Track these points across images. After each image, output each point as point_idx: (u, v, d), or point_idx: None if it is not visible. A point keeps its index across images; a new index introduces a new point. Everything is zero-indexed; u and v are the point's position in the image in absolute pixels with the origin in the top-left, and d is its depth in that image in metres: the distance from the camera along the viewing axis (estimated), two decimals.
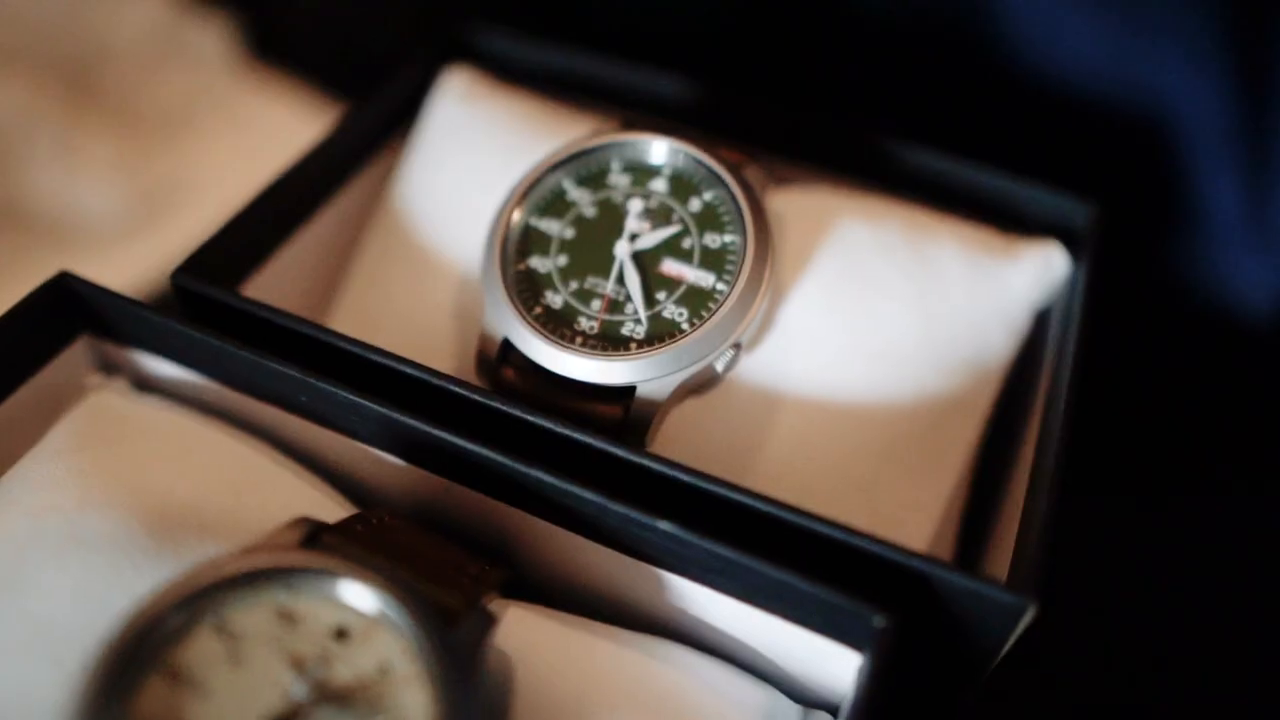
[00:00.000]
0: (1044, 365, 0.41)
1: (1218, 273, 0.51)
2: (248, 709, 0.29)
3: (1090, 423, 0.43)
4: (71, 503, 0.35)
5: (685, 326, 0.38)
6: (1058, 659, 0.44)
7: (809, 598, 0.32)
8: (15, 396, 0.40)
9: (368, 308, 0.46)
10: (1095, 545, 0.46)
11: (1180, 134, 0.50)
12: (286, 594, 0.31)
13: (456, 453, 0.35)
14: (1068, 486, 0.35)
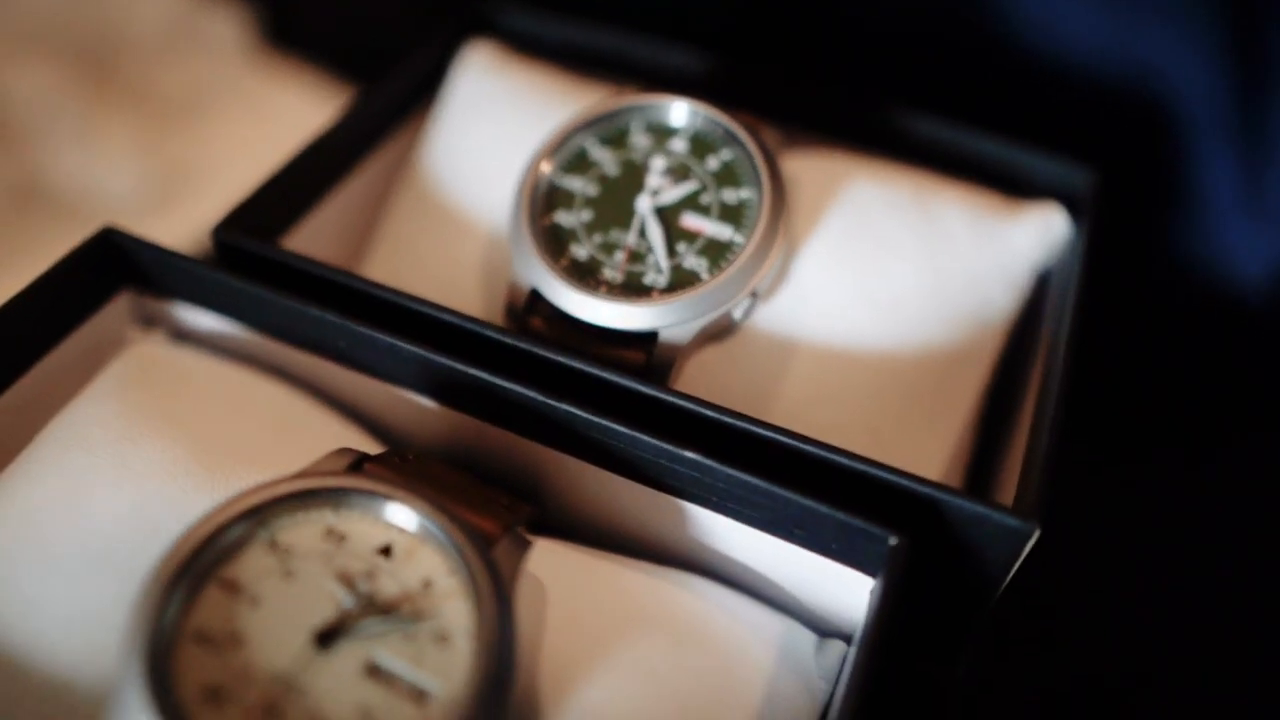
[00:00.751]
0: (1045, 321, 0.43)
1: (1212, 243, 0.53)
2: (299, 618, 0.31)
3: (1087, 379, 0.45)
4: (123, 437, 0.37)
5: (705, 276, 0.40)
6: (1057, 596, 0.46)
7: (826, 522, 0.34)
8: (59, 350, 0.42)
9: (396, 268, 0.47)
10: (1089, 494, 0.48)
11: (1177, 110, 0.53)
12: (334, 514, 0.33)
13: (490, 391, 0.37)
14: (1067, 430, 0.37)
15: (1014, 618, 0.42)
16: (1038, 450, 0.35)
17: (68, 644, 0.33)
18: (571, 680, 0.34)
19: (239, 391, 0.40)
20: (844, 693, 0.33)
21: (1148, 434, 0.52)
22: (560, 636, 0.34)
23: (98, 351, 0.43)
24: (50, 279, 0.41)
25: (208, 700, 0.29)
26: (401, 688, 0.30)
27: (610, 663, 0.34)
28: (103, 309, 0.43)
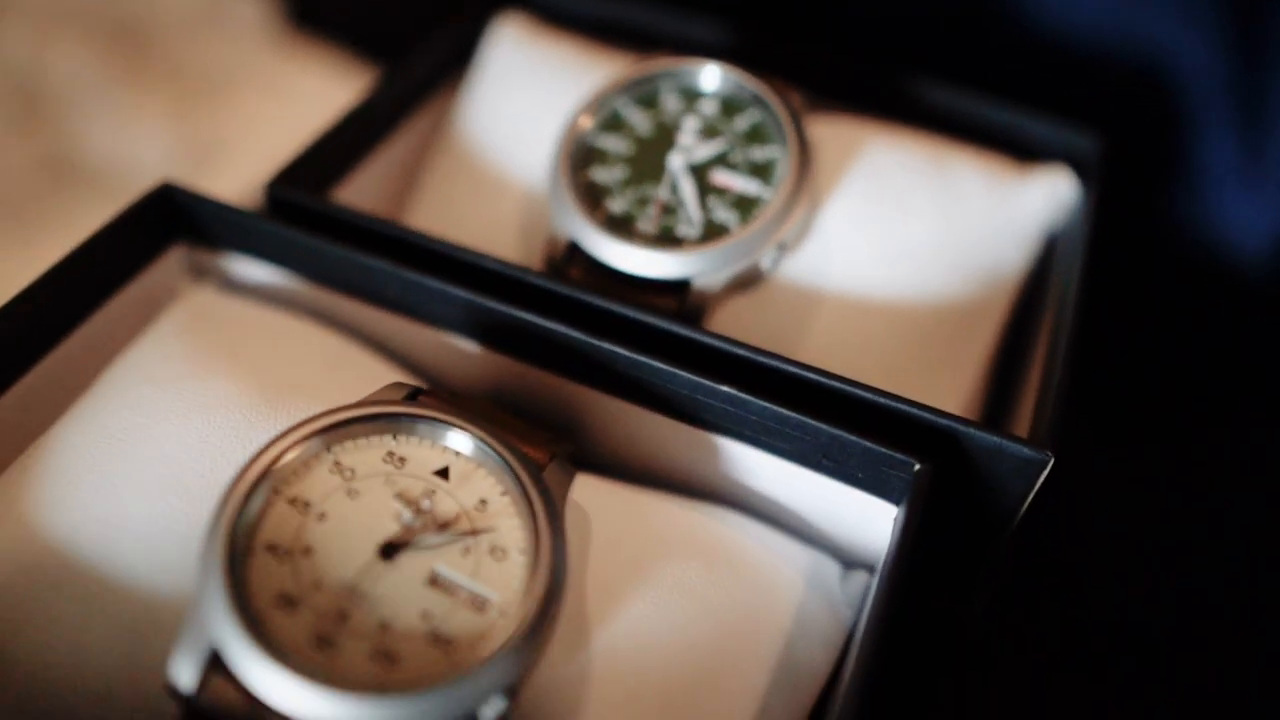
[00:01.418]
0: (1054, 276, 0.46)
1: (1212, 213, 0.56)
2: (364, 532, 0.33)
3: (1092, 339, 0.47)
4: (187, 373, 0.39)
5: (735, 228, 0.43)
6: (1071, 545, 0.48)
7: (854, 451, 0.36)
8: (115, 300, 0.44)
9: (434, 227, 0.50)
10: (1090, 450, 0.50)
11: (1180, 84, 0.55)
12: (394, 439, 0.35)
13: (533, 332, 0.39)
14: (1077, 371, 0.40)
15: (1031, 562, 0.45)
16: (1050, 385, 0.38)
17: (144, 559, 0.35)
18: (614, 598, 0.36)
19: (291, 336, 0.42)
20: (869, 617, 0.35)
21: (1151, 395, 0.54)
22: (602, 560, 0.37)
23: (151, 302, 0.45)
24: (109, 232, 0.43)
25: (280, 605, 0.31)
26: (462, 596, 0.32)
27: (649, 582, 0.36)
28: (157, 261, 0.45)
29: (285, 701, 0.30)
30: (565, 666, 0.34)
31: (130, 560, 0.35)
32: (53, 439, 0.38)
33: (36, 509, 0.36)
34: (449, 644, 0.31)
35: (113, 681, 0.34)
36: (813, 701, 0.37)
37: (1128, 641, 0.45)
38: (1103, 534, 0.49)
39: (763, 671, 0.36)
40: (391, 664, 0.31)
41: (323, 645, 0.31)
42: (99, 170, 0.74)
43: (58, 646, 0.34)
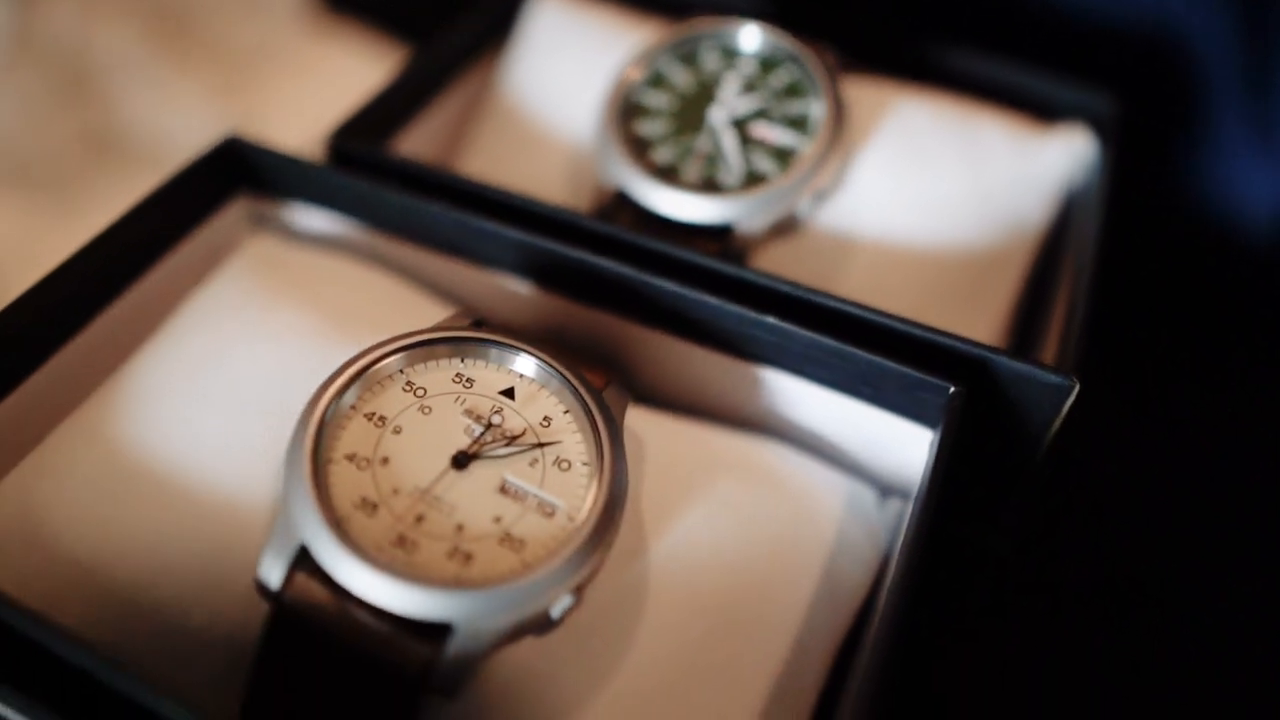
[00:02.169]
0: (1073, 226, 0.48)
1: (1221, 177, 0.58)
2: (437, 444, 0.35)
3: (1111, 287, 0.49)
4: (260, 306, 0.41)
5: (774, 177, 0.45)
6: (1094, 484, 0.51)
7: (892, 377, 0.38)
8: (181, 248, 0.46)
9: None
10: (1109, 387, 0.52)
11: (1193, 53, 0.57)
12: (462, 361, 0.37)
13: (585, 270, 0.41)
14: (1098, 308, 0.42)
15: (1056, 493, 0.47)
16: (1074, 318, 0.40)
17: (226, 475, 0.37)
18: (667, 514, 0.38)
19: (352, 279, 0.44)
20: (906, 536, 0.37)
21: (1164, 343, 0.57)
22: (655, 481, 0.39)
23: (214, 250, 0.47)
24: (177, 182, 0.45)
25: (362, 508, 0.33)
26: (530, 503, 0.34)
27: (700, 501, 0.38)
28: (221, 211, 0.47)
29: (369, 593, 0.32)
30: (625, 573, 0.36)
31: (212, 476, 0.37)
32: (132, 369, 0.40)
33: (121, 430, 0.38)
34: (520, 545, 0.33)
35: (197, 588, 0.36)
36: (852, 618, 0.39)
37: (1148, 572, 0.47)
38: (1122, 472, 0.51)
39: (806, 586, 0.38)
40: (467, 562, 0.33)
41: (403, 544, 0.33)
42: (141, 144, 0.76)
43: (145, 557, 0.36)
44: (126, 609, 0.35)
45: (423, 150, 0.53)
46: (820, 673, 0.38)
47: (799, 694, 0.37)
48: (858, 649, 0.39)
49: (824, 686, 0.38)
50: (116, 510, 0.37)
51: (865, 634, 0.39)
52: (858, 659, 0.37)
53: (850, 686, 0.34)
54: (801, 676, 0.37)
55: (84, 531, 0.37)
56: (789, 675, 0.36)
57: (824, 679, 0.38)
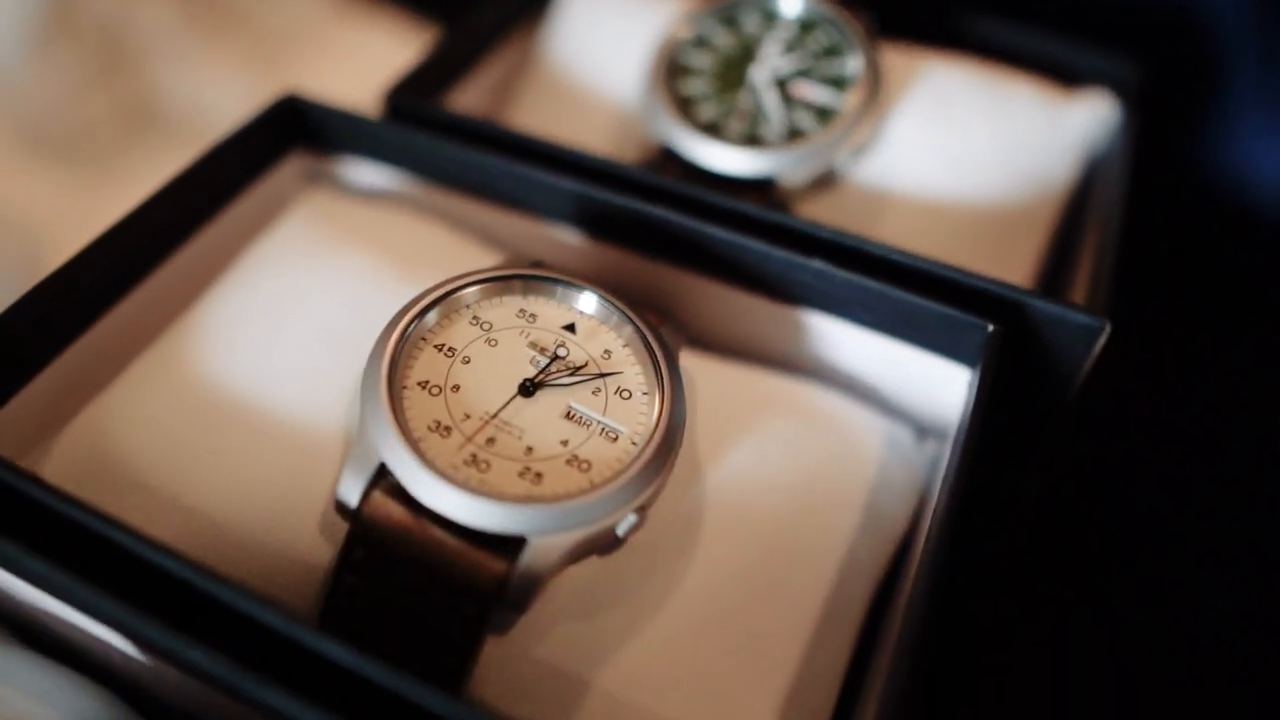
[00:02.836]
0: (1098, 186, 0.50)
1: (1239, 148, 0.60)
2: (504, 373, 0.37)
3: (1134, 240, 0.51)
4: (327, 249, 0.43)
5: (814, 132, 0.47)
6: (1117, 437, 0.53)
7: (932, 317, 0.40)
8: (238, 202, 0.48)
9: None
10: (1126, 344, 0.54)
11: (1212, 26, 0.59)
12: (524, 298, 0.39)
13: (636, 218, 0.43)
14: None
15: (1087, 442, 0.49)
16: (1104, 260, 0.42)
17: (301, 402, 0.39)
18: (720, 446, 0.40)
19: (410, 228, 0.46)
20: (947, 468, 0.39)
21: (1182, 306, 0.59)
22: (707, 416, 0.41)
23: (270, 205, 0.49)
24: (237, 138, 0.47)
25: (436, 431, 0.35)
26: (595, 428, 0.36)
27: (750, 435, 0.40)
28: (279, 166, 0.49)
29: (445, 508, 0.33)
30: (683, 500, 0.38)
31: (285, 405, 0.39)
32: (203, 309, 0.42)
33: (196, 363, 0.40)
34: (587, 466, 0.35)
35: (274, 511, 0.37)
36: (893, 551, 0.41)
37: (1172, 516, 0.49)
38: (1147, 420, 0.53)
39: (850, 517, 0.40)
40: (538, 480, 0.34)
41: (476, 463, 0.34)
42: (178, 119, 0.78)
43: (223, 483, 0.38)
44: (206, 532, 0.37)
45: (470, 110, 0.55)
46: (865, 599, 0.39)
47: (846, 618, 0.38)
48: (897, 583, 0.41)
49: (867, 614, 0.40)
50: (193, 438, 0.39)
51: (908, 563, 0.41)
52: (904, 587, 0.39)
53: (898, 615, 0.36)
54: (848, 600, 0.39)
55: (163, 459, 0.38)
56: (837, 598, 0.38)
57: (868, 606, 0.39)
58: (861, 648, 0.40)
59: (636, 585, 0.36)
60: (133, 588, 0.32)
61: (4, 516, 0.33)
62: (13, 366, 0.39)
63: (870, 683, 0.37)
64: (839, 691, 0.38)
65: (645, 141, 0.48)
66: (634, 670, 0.35)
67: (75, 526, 0.33)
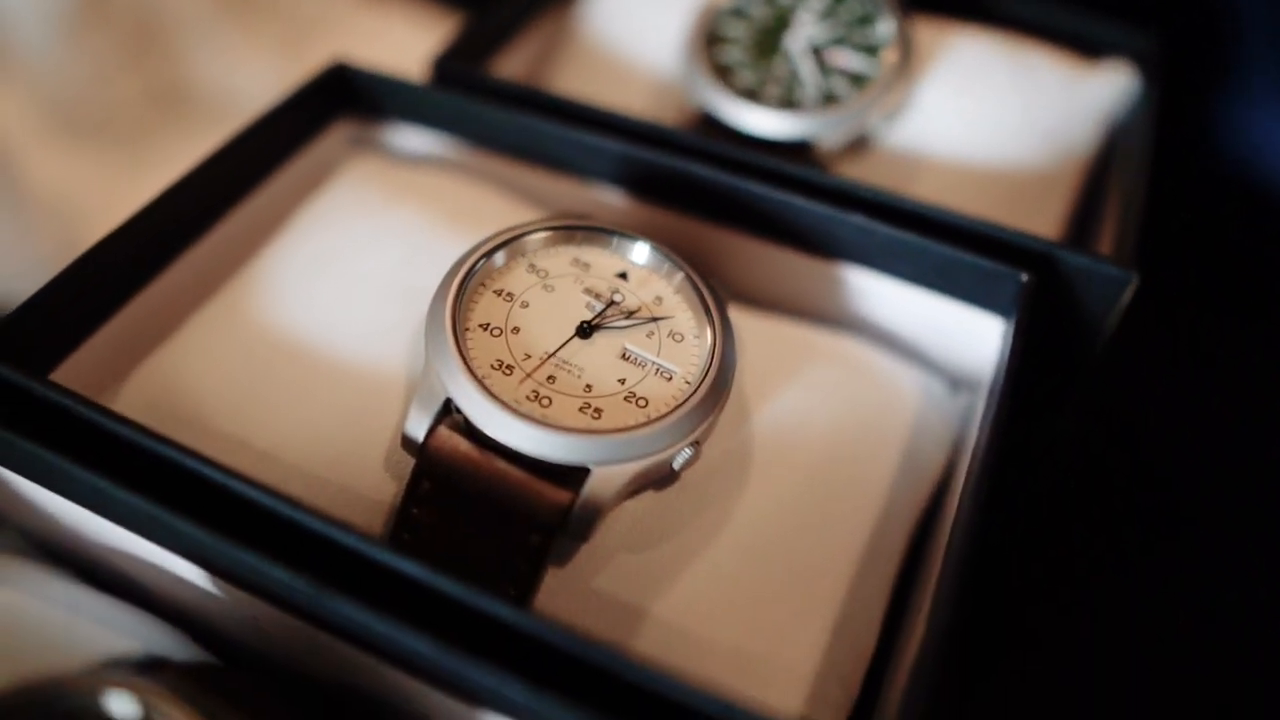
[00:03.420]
0: (1120, 151, 0.52)
1: (1256, 121, 0.62)
2: (562, 316, 0.38)
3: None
4: (380, 209, 0.45)
5: (849, 97, 0.49)
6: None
7: (968, 268, 0.42)
8: (287, 168, 0.49)
9: None
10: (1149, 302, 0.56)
11: (1226, 6, 0.61)
12: (578, 247, 0.40)
13: (678, 177, 0.45)
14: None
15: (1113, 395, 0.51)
16: (1131, 213, 0.43)
17: (359, 347, 0.40)
18: (766, 391, 0.41)
19: (459, 188, 0.47)
20: (984, 413, 0.40)
21: (1202, 270, 0.61)
22: (753, 363, 0.42)
23: (317, 170, 0.50)
24: (288, 105, 0.48)
25: (499, 370, 0.37)
26: (649, 368, 0.37)
27: (794, 381, 0.42)
28: (326, 132, 0.50)
29: (511, 439, 0.35)
30: (732, 440, 0.39)
31: (344, 350, 0.40)
32: (262, 262, 0.44)
33: (257, 312, 0.42)
34: (644, 402, 0.36)
35: (337, 452, 0.39)
36: (928, 496, 0.43)
37: (1194, 475, 0.51)
38: (1170, 379, 0.55)
39: (890, 460, 0.41)
40: (597, 415, 0.36)
41: (538, 399, 0.36)
42: (206, 102, 0.79)
43: (286, 425, 0.39)
44: (272, 473, 0.38)
45: (512, 78, 0.56)
46: (903, 540, 0.41)
47: (886, 555, 0.40)
48: (931, 528, 0.43)
49: (906, 555, 0.41)
50: (257, 382, 0.40)
51: (943, 509, 0.42)
52: (940, 529, 0.40)
53: (938, 554, 0.37)
54: (888, 539, 0.40)
55: (227, 403, 0.40)
56: (878, 537, 0.40)
57: (907, 545, 0.41)
58: (897, 587, 0.41)
59: (689, 520, 0.38)
60: (212, 518, 0.34)
61: (86, 454, 0.35)
62: (79, 318, 0.41)
63: (910, 619, 0.39)
64: (880, 625, 0.39)
65: (684, 108, 0.50)
66: (687, 599, 0.37)
67: (155, 460, 0.35)
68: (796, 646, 0.36)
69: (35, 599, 0.38)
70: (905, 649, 0.37)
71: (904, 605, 0.41)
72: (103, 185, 0.72)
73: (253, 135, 0.46)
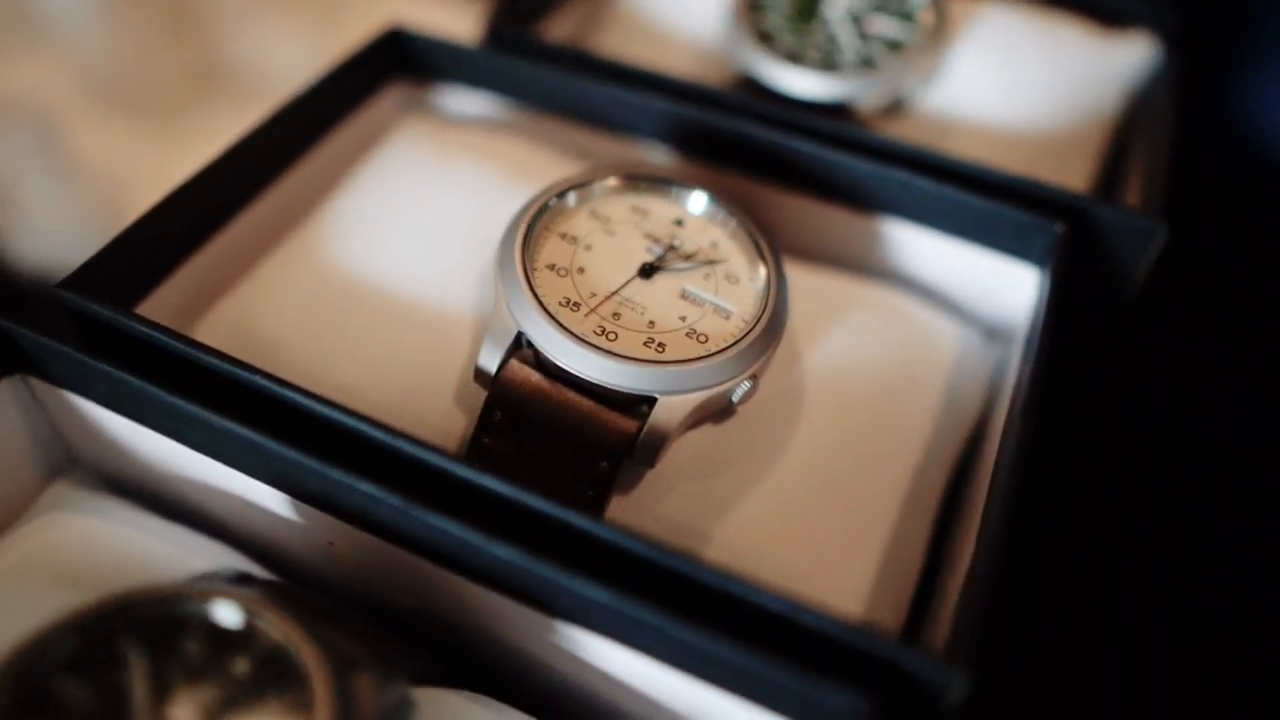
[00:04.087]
0: (1140, 120, 0.54)
1: (1270, 97, 0.65)
2: (623, 258, 0.40)
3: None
4: (441, 161, 0.47)
5: (886, 62, 0.51)
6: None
7: (1003, 220, 0.44)
8: (341, 129, 0.51)
9: None
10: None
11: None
12: (636, 195, 0.42)
13: (724, 135, 0.46)
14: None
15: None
16: (1157, 170, 0.46)
17: (427, 288, 0.42)
18: (815, 334, 0.43)
19: (512, 145, 0.49)
20: (1024, 357, 0.42)
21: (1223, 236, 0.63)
22: (802, 309, 0.44)
23: (371, 132, 0.52)
24: (344, 68, 0.50)
25: (566, 306, 0.38)
26: (708, 308, 0.39)
27: (841, 326, 0.44)
28: (380, 94, 0.52)
29: (582, 369, 0.37)
30: (785, 379, 0.41)
31: (413, 291, 0.42)
32: (326, 212, 0.45)
33: (326, 257, 0.44)
34: (705, 338, 0.38)
35: (408, 388, 0.40)
36: (966, 438, 0.45)
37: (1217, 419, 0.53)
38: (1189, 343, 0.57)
39: (931, 400, 0.43)
40: (661, 349, 0.38)
41: (604, 334, 0.38)
42: (241, 78, 0.81)
43: (358, 362, 0.41)
44: (359, 405, 0.40)
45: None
46: (944, 476, 0.43)
47: (930, 488, 0.42)
48: (969, 469, 0.45)
49: (944, 495, 0.43)
50: (327, 322, 0.42)
51: (981, 451, 0.44)
52: (978, 468, 0.42)
53: (980, 487, 0.39)
54: (931, 473, 0.42)
55: (300, 341, 0.41)
56: (922, 470, 0.42)
57: (947, 480, 0.43)
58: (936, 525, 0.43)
59: (747, 451, 0.40)
60: (298, 440, 0.35)
61: (172, 382, 0.36)
62: (157, 260, 0.42)
63: (952, 550, 0.41)
64: (923, 556, 0.41)
65: (725, 73, 0.52)
66: (746, 525, 0.39)
67: (239, 387, 0.36)
68: (849, 570, 0.38)
69: (115, 525, 0.39)
70: (949, 575, 0.39)
71: (941, 543, 0.43)
72: (144, 157, 0.74)
73: (313, 95, 0.48)
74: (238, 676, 0.30)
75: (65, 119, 0.71)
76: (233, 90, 0.79)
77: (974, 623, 0.31)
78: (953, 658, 0.30)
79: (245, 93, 0.79)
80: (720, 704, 0.32)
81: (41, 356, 0.38)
